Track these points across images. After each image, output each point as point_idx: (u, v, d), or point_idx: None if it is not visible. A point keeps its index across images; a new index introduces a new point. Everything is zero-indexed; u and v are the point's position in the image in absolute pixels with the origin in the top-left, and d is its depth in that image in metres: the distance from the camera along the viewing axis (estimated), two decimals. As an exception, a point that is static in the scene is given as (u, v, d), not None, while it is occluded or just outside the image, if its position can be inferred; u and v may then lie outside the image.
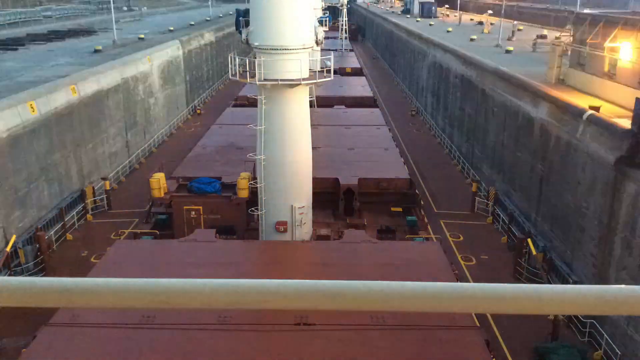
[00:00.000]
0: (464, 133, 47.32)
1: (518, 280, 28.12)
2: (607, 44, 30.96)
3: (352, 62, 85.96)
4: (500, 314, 24.23)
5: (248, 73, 24.93)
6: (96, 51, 51.79)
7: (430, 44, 62.59)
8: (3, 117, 29.70)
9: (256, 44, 24.50)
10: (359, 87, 65.99)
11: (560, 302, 1.75)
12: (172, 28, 73.69)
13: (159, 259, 25.10)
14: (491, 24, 78.94)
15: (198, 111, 65.46)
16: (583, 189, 26.39)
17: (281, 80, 24.63)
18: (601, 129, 25.77)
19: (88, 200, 35.63)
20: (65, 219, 33.05)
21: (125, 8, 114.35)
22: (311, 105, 38.86)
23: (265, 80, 24.74)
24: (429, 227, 32.89)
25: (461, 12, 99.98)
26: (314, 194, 28.46)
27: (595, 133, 26.06)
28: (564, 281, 26.27)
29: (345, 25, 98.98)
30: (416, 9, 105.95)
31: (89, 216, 35.28)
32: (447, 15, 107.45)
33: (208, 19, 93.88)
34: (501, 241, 32.81)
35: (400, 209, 34.07)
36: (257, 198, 27.40)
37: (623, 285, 1.76)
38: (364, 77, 73.20)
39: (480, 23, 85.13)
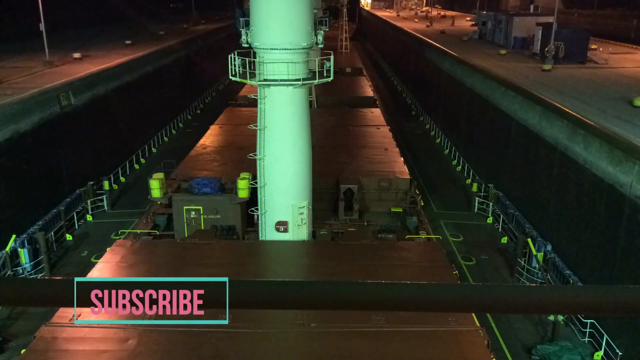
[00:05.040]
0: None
1: (518, 280, 28.13)
2: None
3: (352, 62, 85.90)
4: (500, 314, 24.24)
5: (248, 73, 24.93)
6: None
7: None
8: None
9: (256, 44, 24.51)
10: (359, 87, 66.01)
11: (560, 302, 1.75)
12: None
13: (159, 259, 25.12)
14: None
15: (198, 111, 65.52)
16: None
17: (281, 80, 24.64)
18: None
19: (88, 200, 35.63)
20: (65, 219, 33.05)
21: None
22: (311, 105, 38.86)
23: (265, 80, 24.75)
24: (429, 227, 32.89)
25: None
26: (314, 194, 28.45)
27: None
28: (565, 282, 26.28)
29: (346, 26, 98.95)
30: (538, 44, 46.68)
31: (88, 216, 35.28)
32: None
33: None
34: (501, 241, 32.81)
35: (400, 209, 34.07)
36: (257, 198, 27.40)
37: (623, 286, 1.76)
38: (364, 77, 73.19)
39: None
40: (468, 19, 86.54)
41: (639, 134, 25.56)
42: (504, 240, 32.77)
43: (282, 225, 27.05)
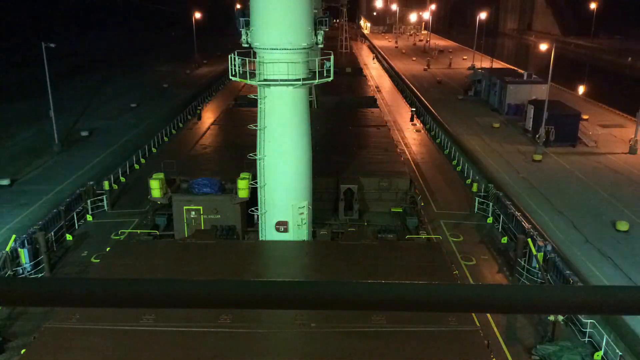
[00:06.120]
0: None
1: (518, 280, 28.12)
2: None
3: (352, 62, 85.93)
4: (500, 314, 24.23)
5: (248, 73, 24.94)
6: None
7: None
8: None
9: (256, 44, 24.51)
10: (359, 87, 66.05)
11: (560, 302, 1.75)
12: None
13: (159, 259, 25.11)
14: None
15: (198, 111, 65.42)
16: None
17: (281, 80, 24.64)
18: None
19: (88, 200, 35.60)
20: (65, 219, 33.03)
21: None
22: (311, 105, 38.87)
23: (265, 80, 24.75)
24: (429, 227, 32.87)
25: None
26: (314, 194, 28.46)
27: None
28: (565, 282, 26.27)
29: (346, 25, 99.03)
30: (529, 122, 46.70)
31: (88, 216, 35.26)
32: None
33: None
34: (501, 241, 32.79)
35: (400, 209, 34.08)
36: (257, 198, 27.40)
37: (623, 285, 1.76)
38: (364, 77, 73.23)
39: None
40: (465, 57, 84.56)
41: (617, 277, 26.24)
42: (504, 240, 32.73)
43: (282, 225, 27.05)
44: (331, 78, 25.75)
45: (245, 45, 25.18)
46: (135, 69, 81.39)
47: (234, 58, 24.95)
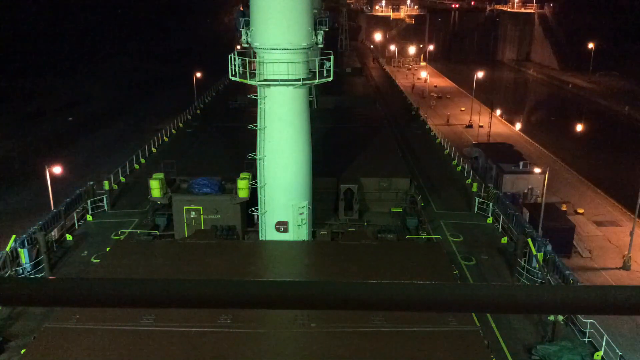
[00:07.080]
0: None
1: (518, 280, 28.12)
2: None
3: (352, 62, 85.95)
4: (500, 314, 24.22)
5: (248, 73, 24.95)
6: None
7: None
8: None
9: (256, 44, 24.51)
10: (359, 87, 66.04)
11: (560, 302, 1.75)
12: None
13: (159, 259, 25.12)
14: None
15: (198, 111, 65.47)
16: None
17: (281, 80, 24.65)
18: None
19: (88, 200, 35.60)
20: (65, 219, 33.02)
21: None
22: (311, 105, 38.88)
23: (265, 80, 24.75)
24: (429, 227, 32.87)
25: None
26: (314, 194, 28.47)
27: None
28: (565, 282, 26.28)
29: (346, 26, 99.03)
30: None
31: (89, 216, 35.25)
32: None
33: None
34: (501, 241, 32.79)
35: (400, 209, 34.08)
36: (257, 198, 27.40)
37: (623, 286, 1.76)
38: (363, 77, 73.23)
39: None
40: (462, 109, 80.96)
41: None
42: (504, 240, 32.73)
43: (282, 225, 27.06)
44: (331, 78, 25.75)
45: (245, 45, 25.19)
46: (133, 128, 73.84)
47: (234, 58, 24.94)
